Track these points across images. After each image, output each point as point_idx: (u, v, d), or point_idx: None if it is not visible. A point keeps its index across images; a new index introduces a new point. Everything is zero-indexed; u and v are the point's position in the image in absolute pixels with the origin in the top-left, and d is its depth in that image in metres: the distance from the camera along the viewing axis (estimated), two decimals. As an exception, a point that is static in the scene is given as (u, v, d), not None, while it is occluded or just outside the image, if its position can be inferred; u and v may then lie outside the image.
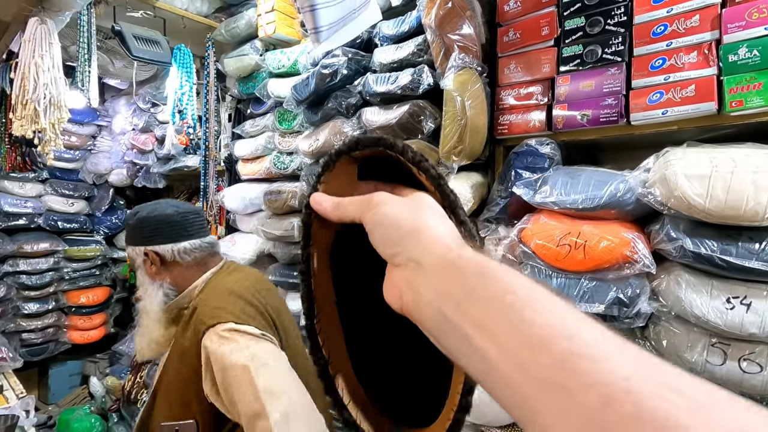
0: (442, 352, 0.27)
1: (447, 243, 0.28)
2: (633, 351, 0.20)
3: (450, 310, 0.25)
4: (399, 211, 0.30)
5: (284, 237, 1.82)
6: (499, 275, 0.25)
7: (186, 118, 2.01)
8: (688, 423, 0.17)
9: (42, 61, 1.24)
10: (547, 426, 0.20)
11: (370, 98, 1.47)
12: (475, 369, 0.24)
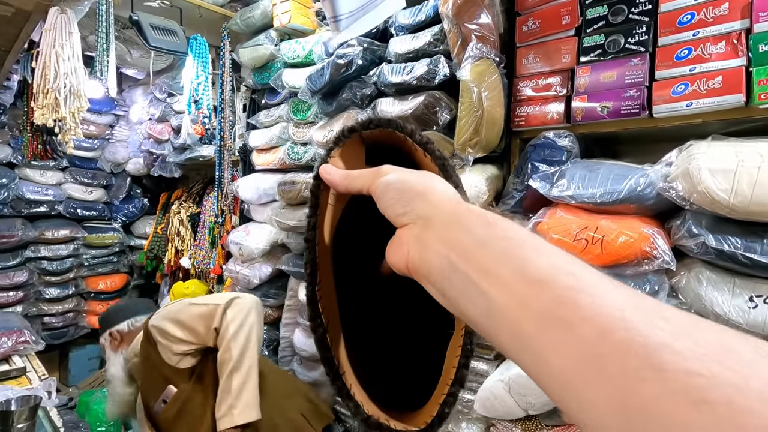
0: (444, 305, 0.28)
1: (455, 199, 0.30)
2: (626, 288, 0.22)
3: (458, 257, 0.26)
4: (407, 176, 0.32)
5: (298, 227, 1.83)
6: (506, 225, 0.26)
7: (201, 107, 2.03)
8: (677, 345, 0.18)
9: (62, 50, 1.25)
10: (549, 361, 0.21)
11: (385, 89, 1.46)
12: (478, 315, 0.25)
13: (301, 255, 1.93)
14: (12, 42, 1.78)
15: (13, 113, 3.09)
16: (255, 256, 2.03)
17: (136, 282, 3.84)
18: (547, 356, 0.21)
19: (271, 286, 2.11)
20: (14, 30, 1.67)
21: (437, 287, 0.28)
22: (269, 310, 2.11)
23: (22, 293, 3.10)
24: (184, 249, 3.17)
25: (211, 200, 3.05)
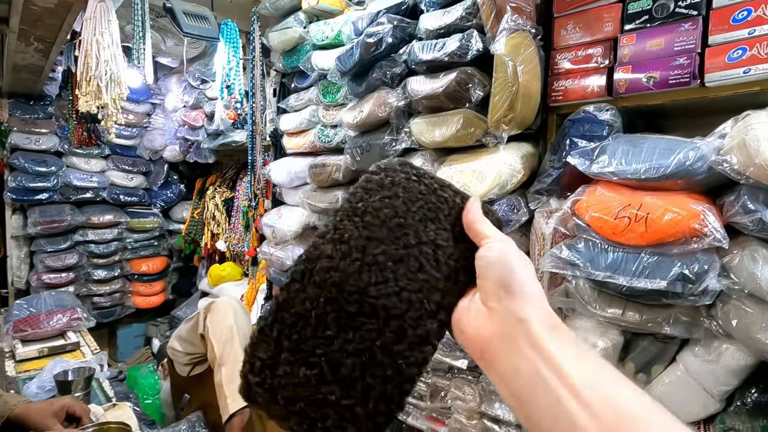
0: (511, 403, 0.31)
1: (548, 309, 0.32)
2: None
3: (549, 371, 0.28)
4: (511, 261, 0.33)
5: (329, 209, 1.85)
6: (595, 354, 0.30)
7: (234, 93, 2.06)
8: None
9: (102, 38, 1.30)
10: None
11: (415, 67, 1.43)
12: (556, 429, 0.28)
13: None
14: (56, 33, 1.86)
15: (59, 104, 3.24)
16: (288, 238, 2.07)
17: (176, 265, 4.01)
18: None
19: (304, 268, 2.15)
20: (57, 21, 1.74)
21: (513, 390, 0.31)
22: (302, 291, 2.16)
23: (73, 274, 3.31)
24: (219, 233, 3.27)
25: (244, 185, 3.12)
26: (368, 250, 0.36)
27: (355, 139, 1.69)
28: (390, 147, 1.52)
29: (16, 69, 2.44)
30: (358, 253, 0.36)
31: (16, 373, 1.71)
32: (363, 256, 0.36)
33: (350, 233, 0.37)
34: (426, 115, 1.43)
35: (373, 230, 0.37)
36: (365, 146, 1.60)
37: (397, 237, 0.37)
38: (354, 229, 0.37)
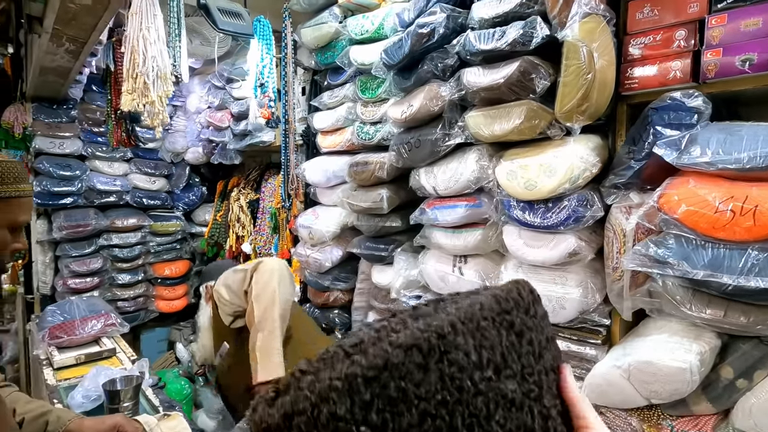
0: None
1: None
2: None
3: None
4: None
5: (371, 209, 1.79)
6: None
7: (267, 91, 2.01)
8: None
9: (149, 33, 1.25)
10: None
11: (470, 58, 1.36)
12: None
13: (374, 238, 1.89)
14: (89, 33, 1.82)
15: (82, 107, 3.22)
16: (326, 239, 2.02)
17: (198, 268, 3.97)
18: None
19: (341, 270, 2.09)
20: (92, 20, 1.69)
21: None
22: (340, 294, 2.10)
23: (97, 279, 3.28)
24: (244, 235, 3.22)
25: (269, 186, 3.07)
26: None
27: (401, 135, 1.63)
28: (442, 142, 1.45)
29: (44, 72, 2.41)
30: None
31: (56, 382, 1.67)
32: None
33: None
34: (483, 107, 1.36)
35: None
36: (414, 142, 1.54)
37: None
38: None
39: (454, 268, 1.52)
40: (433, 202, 1.55)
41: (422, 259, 1.65)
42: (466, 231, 1.48)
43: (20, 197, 0.88)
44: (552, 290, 1.25)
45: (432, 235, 1.58)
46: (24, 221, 0.91)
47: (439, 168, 1.51)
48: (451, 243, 1.51)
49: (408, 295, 1.70)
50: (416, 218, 1.61)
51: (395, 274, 1.74)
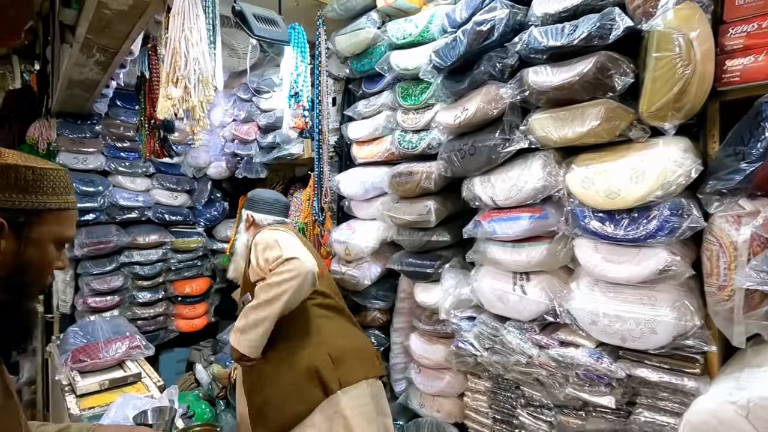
0: None
1: None
2: None
3: None
4: None
5: (416, 222, 1.66)
6: None
7: (301, 100, 1.92)
8: None
9: (191, 34, 1.17)
10: None
11: (534, 56, 1.25)
12: None
13: (417, 253, 1.76)
14: (121, 42, 1.75)
15: (106, 122, 3.18)
16: (364, 255, 1.89)
17: (219, 285, 3.86)
18: None
19: (380, 288, 1.96)
20: (125, 27, 1.63)
21: None
22: (377, 314, 1.97)
23: (118, 298, 3.18)
24: (268, 251, 3.11)
25: (296, 200, 2.97)
26: None
27: (452, 142, 1.51)
28: (502, 148, 1.33)
29: (71, 85, 2.36)
30: None
31: (79, 411, 1.55)
32: None
33: None
34: (550, 109, 1.24)
35: None
36: (468, 149, 1.42)
37: None
38: None
39: (515, 286, 1.38)
40: (491, 214, 1.42)
41: (475, 277, 1.51)
42: (529, 245, 1.34)
43: (69, 209, 0.78)
44: (639, 312, 1.10)
45: (488, 250, 1.45)
46: (70, 237, 0.80)
47: (497, 176, 1.39)
48: (511, 258, 1.38)
49: (459, 316, 1.56)
50: (470, 232, 1.48)
51: (443, 293, 1.60)
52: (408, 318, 1.92)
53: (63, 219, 0.77)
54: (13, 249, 0.71)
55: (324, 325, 1.52)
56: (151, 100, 1.94)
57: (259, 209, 1.78)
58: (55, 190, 0.76)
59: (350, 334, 1.58)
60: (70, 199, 0.79)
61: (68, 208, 0.78)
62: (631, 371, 1.14)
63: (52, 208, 0.75)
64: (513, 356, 1.37)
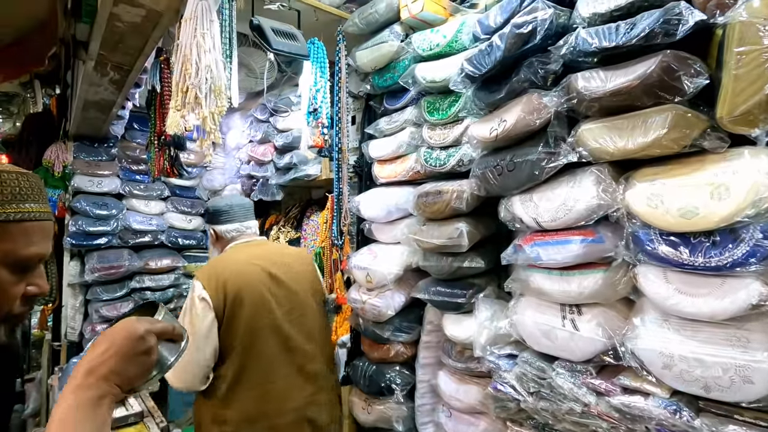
0: None
1: None
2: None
3: None
4: None
5: (446, 246, 1.50)
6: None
7: (320, 117, 1.81)
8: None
9: (203, 40, 1.07)
10: None
11: (583, 59, 1.12)
12: None
13: (447, 281, 1.59)
14: (135, 58, 1.69)
15: (122, 145, 3.15)
16: (387, 282, 1.73)
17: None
18: None
19: (403, 318, 1.78)
20: (139, 42, 1.56)
21: None
22: (401, 348, 1.78)
23: (127, 325, 3.06)
24: (283, 277, 2.98)
25: (312, 224, 2.85)
26: None
27: (486, 158, 1.37)
28: (547, 163, 1.18)
29: (87, 106, 2.32)
30: None
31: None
32: None
33: None
34: (603, 118, 1.09)
35: None
36: (506, 165, 1.27)
37: None
38: None
39: (564, 320, 1.20)
40: (533, 237, 1.26)
41: (515, 308, 1.33)
42: (580, 273, 1.17)
43: (23, 221, 0.64)
44: (727, 356, 0.91)
45: (530, 278, 1.27)
46: (31, 255, 0.66)
47: (540, 195, 1.23)
48: (558, 288, 1.20)
49: (497, 353, 1.38)
50: (509, 258, 1.31)
51: (478, 326, 1.42)
52: (435, 353, 1.73)
53: (12, 234, 0.63)
54: None
55: (247, 376, 1.50)
56: (162, 115, 1.86)
57: (219, 221, 1.68)
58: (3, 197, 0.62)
59: (282, 393, 1.53)
60: (24, 209, 0.65)
61: (22, 219, 0.64)
62: (718, 428, 0.94)
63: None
64: (565, 403, 1.17)
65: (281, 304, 1.58)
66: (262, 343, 1.51)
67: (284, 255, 1.74)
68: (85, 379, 0.59)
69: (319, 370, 1.65)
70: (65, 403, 0.57)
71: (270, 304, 1.55)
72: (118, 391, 0.62)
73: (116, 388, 0.61)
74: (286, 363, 1.55)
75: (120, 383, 0.62)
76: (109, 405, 0.60)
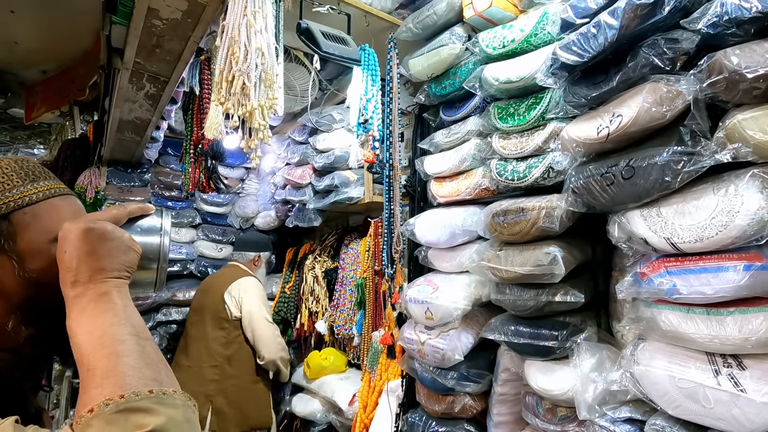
0: None
1: None
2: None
3: None
4: None
5: (533, 276, 1.22)
6: None
7: (372, 129, 1.61)
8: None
9: (254, 19, 0.89)
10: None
11: (732, 31, 0.87)
12: None
13: (528, 319, 1.30)
14: (172, 66, 1.55)
15: (155, 170, 3.05)
16: (452, 319, 1.45)
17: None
18: None
19: (471, 364, 1.48)
20: (177, 45, 1.42)
21: None
22: (469, 400, 1.47)
23: (151, 361, 2.84)
24: (318, 311, 2.72)
25: (351, 252, 2.61)
26: None
27: (587, 165, 1.11)
28: (685, 165, 0.91)
29: (121, 127, 2.21)
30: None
31: None
32: None
33: None
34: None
35: None
36: (621, 171, 1.01)
37: None
38: None
39: (719, 376, 0.88)
40: (664, 263, 0.97)
41: (636, 357, 1.02)
42: (740, 312, 0.87)
43: (48, 198, 0.62)
44: None
45: (659, 317, 0.97)
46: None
47: (671, 208, 0.96)
48: (707, 333, 0.90)
49: (612, 416, 1.06)
50: (627, 290, 1.02)
51: (582, 379, 1.11)
52: (513, 408, 1.41)
53: (47, 211, 0.61)
54: (9, 271, 0.58)
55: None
56: (200, 121, 1.70)
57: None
58: (12, 182, 0.58)
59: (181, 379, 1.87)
60: (43, 186, 0.62)
61: (48, 197, 0.62)
62: None
63: (22, 205, 0.59)
64: (730, 496, 0.84)
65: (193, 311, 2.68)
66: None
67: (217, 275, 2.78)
68: (73, 289, 0.53)
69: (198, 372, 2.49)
70: (81, 320, 0.51)
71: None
72: (119, 282, 0.55)
73: (112, 280, 0.55)
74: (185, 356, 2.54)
75: (112, 275, 0.55)
76: (119, 294, 0.54)
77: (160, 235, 0.63)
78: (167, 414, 0.45)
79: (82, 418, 0.43)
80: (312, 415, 2.48)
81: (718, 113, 0.92)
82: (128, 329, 0.50)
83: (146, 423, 0.43)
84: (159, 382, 0.48)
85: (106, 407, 0.43)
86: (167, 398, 0.47)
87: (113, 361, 0.47)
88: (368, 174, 2.25)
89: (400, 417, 1.72)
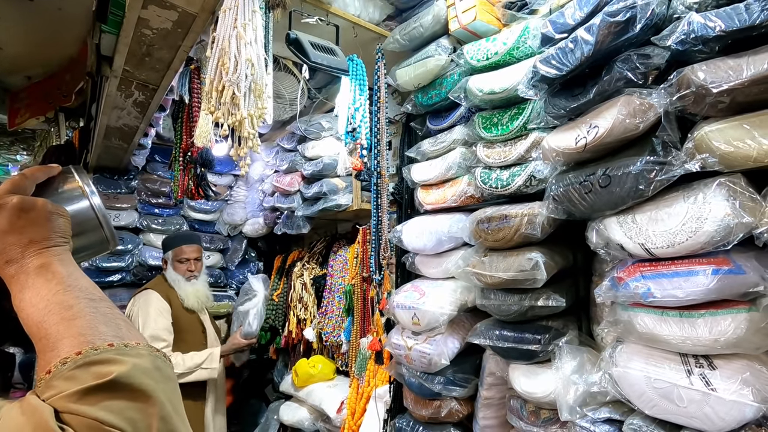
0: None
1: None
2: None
3: None
4: None
5: (516, 281, 1.26)
6: None
7: (359, 137, 1.64)
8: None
9: (244, 31, 0.91)
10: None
11: (698, 48, 0.92)
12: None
13: (512, 323, 1.33)
14: (161, 75, 1.56)
15: (142, 177, 3.03)
16: (438, 325, 1.47)
17: (248, 357, 3.43)
18: None
19: (457, 368, 1.50)
20: (167, 54, 1.43)
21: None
22: (455, 405, 1.49)
23: (136, 371, 2.80)
24: (307, 318, 2.72)
25: (339, 259, 2.62)
26: None
27: (567, 174, 1.15)
28: (657, 174, 0.95)
29: (108, 134, 2.21)
30: None
31: None
32: None
33: None
34: (738, 115, 0.88)
35: None
36: (598, 180, 1.05)
37: None
38: None
39: (691, 376, 0.92)
40: (639, 268, 1.01)
41: (615, 359, 1.06)
42: (710, 314, 0.91)
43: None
44: None
45: (635, 319, 1.01)
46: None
47: (645, 215, 1.00)
48: (679, 334, 0.94)
49: (592, 417, 1.09)
50: (605, 294, 1.06)
51: (563, 381, 1.14)
52: (498, 412, 1.44)
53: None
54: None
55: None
56: (189, 129, 1.71)
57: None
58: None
59: None
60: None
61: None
62: None
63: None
64: (703, 492, 0.87)
65: None
66: None
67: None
68: (8, 268, 0.50)
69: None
70: (24, 296, 0.48)
71: None
72: (57, 250, 0.52)
73: (48, 250, 0.51)
74: None
75: (45, 244, 0.52)
76: (60, 262, 0.51)
77: (85, 193, 0.60)
78: (132, 362, 0.43)
79: (41, 381, 0.41)
80: (300, 423, 2.47)
81: (688, 125, 0.97)
82: (75, 293, 0.48)
83: (108, 371, 0.41)
84: (120, 337, 0.46)
85: (63, 366, 0.41)
86: (130, 349, 0.44)
87: (64, 325, 0.45)
88: (356, 181, 2.28)
89: (388, 423, 1.73)
